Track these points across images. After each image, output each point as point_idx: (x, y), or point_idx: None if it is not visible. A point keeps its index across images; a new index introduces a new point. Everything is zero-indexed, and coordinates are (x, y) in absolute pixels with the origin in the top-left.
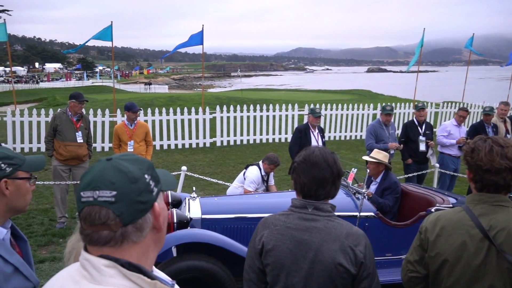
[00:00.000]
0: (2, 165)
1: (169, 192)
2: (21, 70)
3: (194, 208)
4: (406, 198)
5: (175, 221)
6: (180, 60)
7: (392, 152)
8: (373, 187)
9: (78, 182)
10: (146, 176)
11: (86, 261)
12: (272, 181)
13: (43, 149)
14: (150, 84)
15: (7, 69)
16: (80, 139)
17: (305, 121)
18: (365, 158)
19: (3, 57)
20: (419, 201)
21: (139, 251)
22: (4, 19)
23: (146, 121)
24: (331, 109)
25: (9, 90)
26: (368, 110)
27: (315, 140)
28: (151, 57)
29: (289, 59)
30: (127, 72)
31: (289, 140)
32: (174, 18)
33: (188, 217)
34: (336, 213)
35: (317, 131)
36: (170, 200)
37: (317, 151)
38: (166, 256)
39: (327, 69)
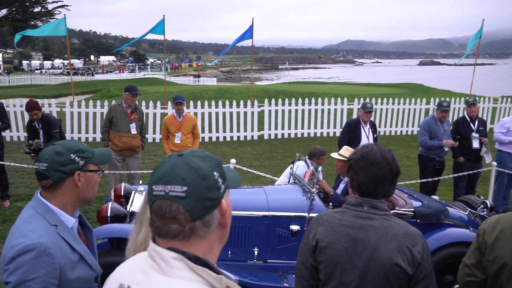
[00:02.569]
0: (76, 158)
1: (122, 184)
2: (77, 63)
3: (136, 202)
4: None
5: (108, 215)
6: (228, 53)
7: (446, 149)
8: (342, 186)
9: (131, 172)
10: (215, 173)
11: (154, 253)
12: (320, 177)
13: (98, 139)
14: (199, 76)
15: (65, 62)
16: (134, 131)
17: (354, 115)
18: (333, 155)
19: (62, 50)
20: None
21: (205, 246)
22: (64, 14)
23: (195, 113)
24: (382, 103)
25: (67, 82)
26: (421, 104)
27: (366, 135)
28: (200, 49)
29: (337, 52)
30: (177, 64)
31: (337, 134)
32: (223, 11)
33: (128, 210)
34: (285, 213)
35: (368, 126)
36: (123, 193)
37: (376, 148)
38: (102, 248)
39: (377, 61)
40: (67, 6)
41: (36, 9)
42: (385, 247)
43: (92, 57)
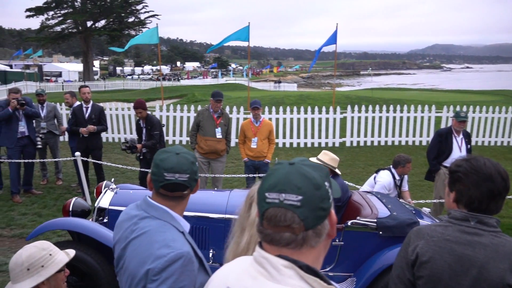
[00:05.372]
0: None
1: (104, 182)
2: (165, 69)
3: (105, 199)
4: (350, 207)
5: (70, 209)
6: (309, 59)
7: None
8: None
9: (215, 175)
10: (326, 183)
11: (264, 259)
12: (406, 187)
13: (184, 142)
14: (279, 82)
15: (154, 68)
16: (219, 135)
17: (443, 124)
18: (312, 159)
19: (151, 57)
20: (355, 211)
21: (314, 256)
22: (157, 24)
23: (277, 119)
24: (474, 112)
25: (155, 87)
26: None
27: (458, 146)
28: (281, 55)
29: (423, 57)
30: (258, 70)
31: (423, 143)
32: (305, 17)
33: (96, 206)
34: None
35: (461, 136)
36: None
37: (488, 162)
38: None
39: (467, 67)
40: (157, 15)
41: (130, 19)
42: (496, 266)
43: (178, 63)
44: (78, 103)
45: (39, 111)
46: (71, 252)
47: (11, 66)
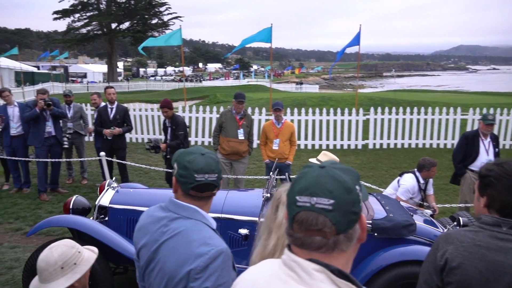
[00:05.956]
0: None
1: (107, 180)
2: (187, 70)
3: (106, 197)
4: None
5: (71, 207)
6: (331, 60)
7: None
8: None
9: (238, 176)
10: (357, 187)
11: (294, 263)
12: (431, 191)
13: (206, 143)
14: (301, 83)
15: (176, 69)
16: (241, 136)
17: (468, 126)
18: (312, 160)
19: (174, 58)
20: None
21: (344, 260)
22: (180, 25)
23: (299, 120)
24: (501, 114)
25: (178, 88)
26: None
27: (485, 149)
28: (303, 57)
29: (448, 58)
30: (280, 71)
31: (448, 146)
32: (327, 18)
33: (96, 204)
34: (236, 217)
35: (488, 139)
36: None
37: None
38: None
39: (494, 68)
40: (180, 17)
41: (153, 21)
42: None
43: (200, 65)
44: (103, 103)
45: (66, 111)
46: (95, 249)
47: (38, 67)
